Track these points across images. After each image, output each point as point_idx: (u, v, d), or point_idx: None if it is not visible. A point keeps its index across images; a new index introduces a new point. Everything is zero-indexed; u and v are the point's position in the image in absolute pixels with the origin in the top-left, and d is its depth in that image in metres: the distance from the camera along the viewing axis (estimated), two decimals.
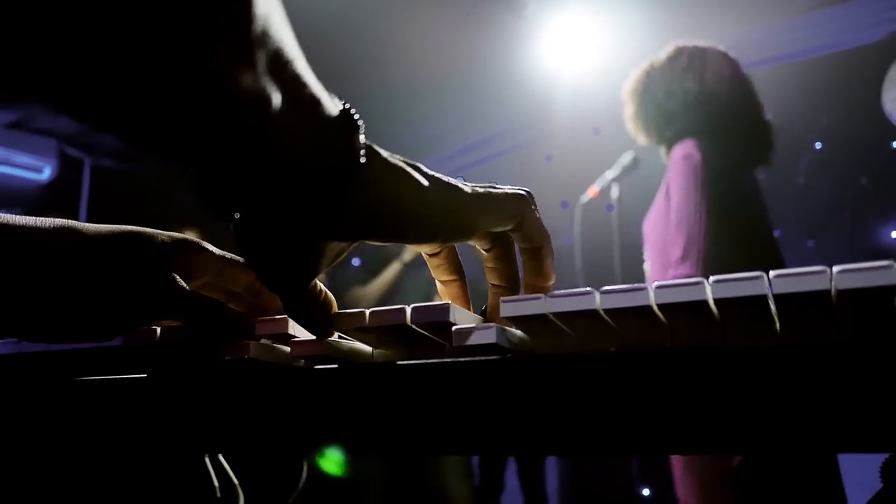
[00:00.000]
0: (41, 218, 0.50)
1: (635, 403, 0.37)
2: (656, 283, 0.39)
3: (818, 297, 0.36)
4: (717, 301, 0.38)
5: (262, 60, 0.36)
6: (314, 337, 0.45)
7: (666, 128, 1.96)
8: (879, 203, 3.53)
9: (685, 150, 1.85)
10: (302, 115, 0.39)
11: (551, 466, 3.91)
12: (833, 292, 0.36)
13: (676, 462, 1.81)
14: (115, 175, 4.72)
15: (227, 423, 0.44)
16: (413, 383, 0.39)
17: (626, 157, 2.86)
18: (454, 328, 0.42)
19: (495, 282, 0.53)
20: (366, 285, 3.17)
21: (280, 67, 0.37)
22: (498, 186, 0.50)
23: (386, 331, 0.44)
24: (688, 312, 0.39)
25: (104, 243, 0.50)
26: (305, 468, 1.02)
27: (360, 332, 0.45)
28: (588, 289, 0.41)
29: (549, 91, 3.90)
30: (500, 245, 0.52)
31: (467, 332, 0.41)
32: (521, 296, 0.42)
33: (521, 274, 0.53)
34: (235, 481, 0.82)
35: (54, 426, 0.52)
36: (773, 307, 0.39)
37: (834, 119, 3.64)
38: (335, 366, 0.43)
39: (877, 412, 0.35)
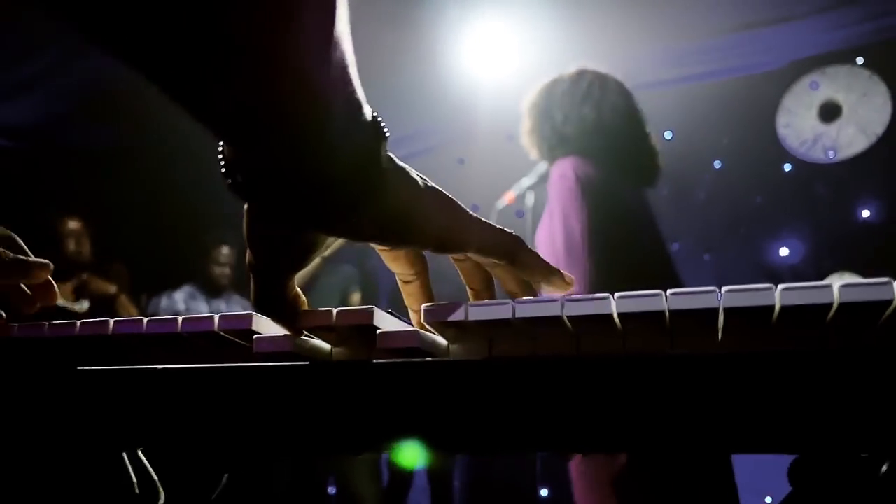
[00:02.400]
0: None
1: (546, 404, 0.40)
2: (564, 297, 0.43)
3: (709, 314, 0.40)
4: (620, 315, 0.42)
5: (336, 59, 0.38)
6: (281, 333, 0.46)
7: (558, 148, 2.03)
8: (771, 221, 3.73)
9: (560, 170, 1.92)
10: (349, 117, 0.41)
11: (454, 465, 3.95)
12: (721, 310, 0.40)
13: (573, 467, 1.87)
14: (7, 154, 4.49)
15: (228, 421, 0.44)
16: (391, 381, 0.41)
17: (542, 166, 2.92)
18: (378, 331, 0.44)
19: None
20: None
21: (342, 69, 0.39)
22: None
23: (350, 330, 0.45)
24: (593, 324, 0.43)
25: None
26: (227, 467, 1.00)
27: (323, 331, 0.46)
28: (506, 300, 0.44)
29: (465, 95, 3.95)
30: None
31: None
32: (446, 303, 0.45)
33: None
34: (156, 478, 0.81)
35: None
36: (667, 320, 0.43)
37: (734, 140, 3.83)
38: (306, 363, 0.43)
39: (777, 418, 0.39)
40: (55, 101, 4.18)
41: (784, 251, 3.69)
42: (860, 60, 3.59)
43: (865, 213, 3.55)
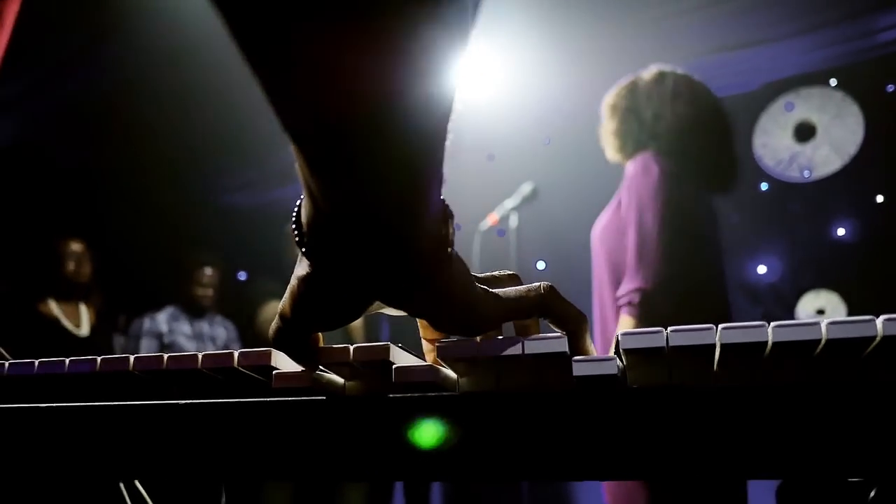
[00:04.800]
0: None
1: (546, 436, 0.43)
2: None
3: (705, 349, 0.43)
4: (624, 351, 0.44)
5: (442, 138, 0.41)
6: (298, 369, 0.48)
7: (646, 144, 1.97)
8: (748, 240, 3.80)
9: (643, 164, 1.89)
10: (435, 203, 0.43)
11: (436, 488, 3.95)
12: (717, 345, 0.43)
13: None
14: None
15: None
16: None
17: (526, 188, 2.97)
18: (395, 366, 0.47)
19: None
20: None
21: (444, 150, 0.42)
22: (521, 287, 0.52)
23: (364, 365, 0.48)
24: None
25: None
26: (224, 495, 1.02)
27: (338, 366, 0.48)
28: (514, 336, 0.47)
29: None
30: None
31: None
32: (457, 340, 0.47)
33: None
34: None
35: None
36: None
37: None
38: (323, 398, 0.46)
39: (768, 444, 0.41)
40: (34, 121, 4.17)
41: (762, 269, 3.76)
42: (833, 82, 3.68)
43: (840, 231, 3.62)
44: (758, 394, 0.42)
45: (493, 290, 0.50)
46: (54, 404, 0.50)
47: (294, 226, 0.44)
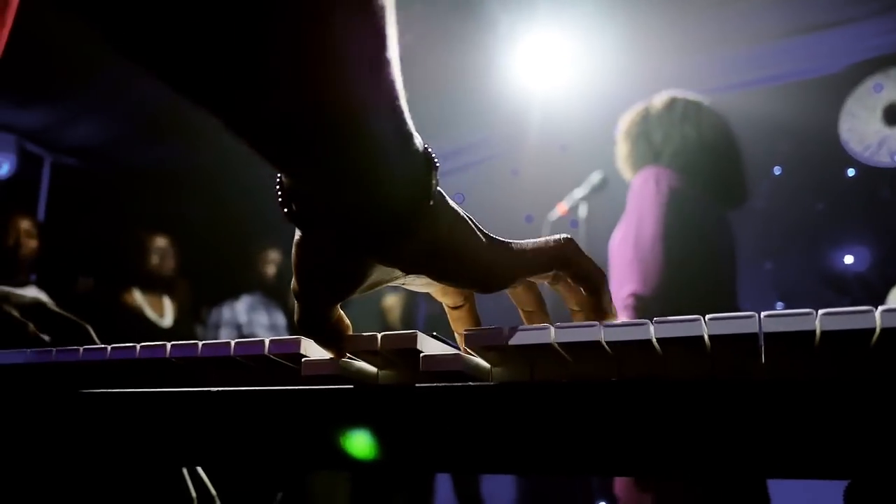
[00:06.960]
0: None
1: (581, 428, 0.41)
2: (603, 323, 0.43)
3: (749, 339, 0.40)
4: (659, 340, 0.42)
5: (384, 89, 0.39)
6: (326, 357, 0.47)
7: (652, 162, 2.03)
8: (834, 228, 3.64)
9: (643, 177, 1.94)
10: (398, 146, 0.42)
11: (509, 478, 3.94)
12: (761, 335, 0.40)
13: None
14: (75, 173, 4.66)
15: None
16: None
17: (595, 177, 2.92)
18: (421, 355, 0.45)
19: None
20: None
21: (390, 99, 0.40)
22: (540, 239, 0.51)
23: (394, 353, 0.46)
24: (632, 349, 0.43)
25: None
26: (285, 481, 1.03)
27: (369, 354, 0.47)
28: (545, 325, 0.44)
29: (518, 106, 3.95)
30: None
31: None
32: (487, 327, 0.45)
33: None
34: (214, 493, 0.83)
35: (47, 437, 0.53)
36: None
37: (793, 146, 3.74)
38: (350, 386, 0.45)
39: (827, 443, 0.38)
40: (119, 123, 4.32)
41: (849, 259, 3.59)
42: None
43: None
44: (810, 388, 0.39)
45: (507, 242, 0.49)
46: (96, 390, 0.51)
47: (279, 193, 0.45)
